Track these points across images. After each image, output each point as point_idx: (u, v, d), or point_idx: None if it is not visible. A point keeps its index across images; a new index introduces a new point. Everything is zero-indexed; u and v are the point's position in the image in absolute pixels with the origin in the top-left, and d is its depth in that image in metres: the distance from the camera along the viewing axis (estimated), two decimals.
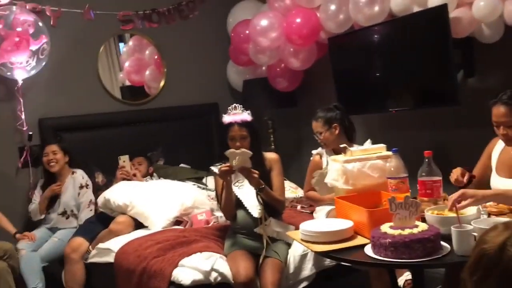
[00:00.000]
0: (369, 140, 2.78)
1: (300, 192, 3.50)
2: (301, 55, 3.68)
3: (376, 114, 3.61)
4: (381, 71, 3.31)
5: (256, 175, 2.47)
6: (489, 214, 1.98)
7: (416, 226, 1.79)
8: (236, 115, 2.64)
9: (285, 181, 3.80)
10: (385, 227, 1.82)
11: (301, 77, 4.03)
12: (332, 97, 3.62)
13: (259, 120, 4.59)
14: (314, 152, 3.01)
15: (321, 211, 2.95)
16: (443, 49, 2.84)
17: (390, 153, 2.33)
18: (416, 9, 2.99)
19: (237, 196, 2.65)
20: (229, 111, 2.68)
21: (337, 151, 2.79)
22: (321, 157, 2.95)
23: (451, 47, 2.80)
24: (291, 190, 3.56)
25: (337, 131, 2.89)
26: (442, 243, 1.79)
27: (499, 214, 1.98)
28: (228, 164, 2.45)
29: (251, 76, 4.28)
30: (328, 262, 2.69)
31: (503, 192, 1.84)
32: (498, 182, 2.26)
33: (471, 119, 3.11)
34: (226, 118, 2.66)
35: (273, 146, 4.35)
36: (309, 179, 2.97)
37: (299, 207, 3.35)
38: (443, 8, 2.74)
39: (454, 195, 1.84)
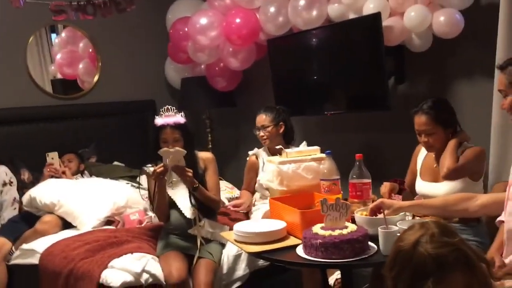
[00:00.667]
0: (304, 142, 2.84)
1: (236, 192, 3.51)
2: (240, 55, 3.68)
3: (312, 116, 3.68)
4: (318, 74, 3.39)
5: (190, 174, 2.44)
6: (413, 216, 2.08)
7: (346, 227, 1.84)
8: (169, 117, 2.59)
9: (221, 181, 3.81)
10: (317, 228, 1.86)
11: (240, 77, 4.04)
12: (271, 98, 3.66)
13: (197, 119, 4.57)
14: (250, 152, 3.05)
15: (257, 211, 2.97)
16: (376, 56, 2.95)
17: (323, 155, 2.38)
18: (352, 15, 3.08)
19: (170, 196, 2.60)
20: (162, 112, 2.62)
21: (273, 152, 2.84)
22: (257, 157, 3.00)
23: (384, 54, 2.91)
24: (227, 190, 3.56)
25: (281, 130, 3.00)
26: (370, 243, 1.85)
27: (423, 216, 2.08)
28: (162, 164, 2.41)
29: (190, 74, 4.23)
30: (261, 262, 2.71)
31: (418, 203, 1.94)
32: (422, 186, 2.38)
33: (401, 123, 3.22)
34: (159, 120, 2.60)
35: (210, 146, 4.33)
36: (247, 179, 3.00)
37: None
38: (376, 16, 2.84)
39: (373, 204, 1.92)
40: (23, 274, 2.89)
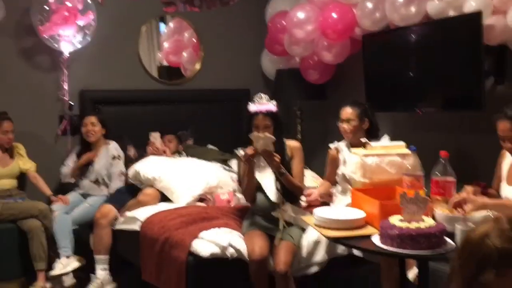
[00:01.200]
0: (386, 136, 2.86)
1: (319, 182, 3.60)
2: (335, 50, 3.76)
3: (402, 113, 3.67)
4: (413, 71, 3.36)
5: (277, 159, 2.60)
6: None
7: (423, 221, 1.89)
8: (262, 104, 2.77)
9: (307, 171, 3.93)
10: (394, 220, 1.93)
11: (332, 71, 4.11)
12: (362, 93, 3.70)
13: (288, 110, 4.72)
14: (331, 145, 3.09)
15: (339, 204, 3.06)
16: (474, 55, 2.88)
17: (408, 151, 2.41)
18: (451, 13, 3.02)
19: (257, 180, 2.78)
20: (255, 100, 2.80)
21: (354, 146, 2.89)
22: (338, 151, 3.04)
23: (482, 54, 2.84)
24: (313, 180, 3.67)
25: (366, 126, 3.02)
26: (447, 239, 1.88)
27: None
28: (252, 147, 2.59)
29: (284, 66, 4.38)
30: (340, 250, 2.80)
31: (503, 202, 1.92)
32: (508, 191, 2.33)
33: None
34: (252, 107, 2.78)
35: (299, 136, 4.47)
36: (328, 171, 3.07)
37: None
38: (477, 15, 2.78)
39: (456, 198, 1.93)
40: (125, 239, 3.26)
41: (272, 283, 2.58)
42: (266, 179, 2.79)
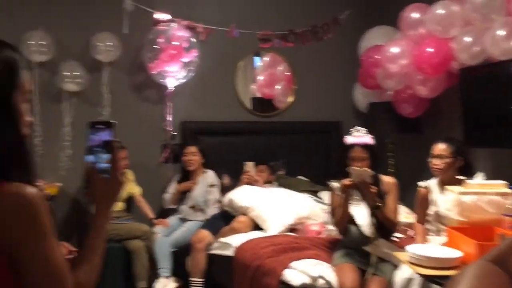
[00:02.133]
0: (481, 174, 2.75)
1: (413, 219, 3.52)
2: (430, 83, 3.71)
3: (502, 149, 3.51)
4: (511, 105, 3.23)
5: (374, 190, 2.62)
6: None
7: None
8: (359, 137, 2.81)
9: (400, 206, 3.87)
10: None
11: (426, 104, 4.05)
12: (458, 127, 3.60)
13: (380, 143, 4.69)
14: (421, 184, 2.98)
15: (433, 241, 2.98)
16: None
17: (509, 190, 2.33)
18: None
19: (351, 212, 2.81)
20: (353, 132, 2.85)
21: (445, 184, 2.79)
22: (427, 190, 2.93)
23: None
24: (405, 215, 3.61)
25: (459, 164, 2.88)
26: None
27: None
28: (350, 179, 2.64)
29: (377, 99, 4.39)
30: None
31: None
32: None
33: None
34: (349, 139, 2.83)
35: (392, 170, 4.41)
36: (419, 212, 2.98)
37: (409, 231, 3.39)
38: None
39: None
40: (219, 263, 3.41)
41: None
42: (359, 212, 2.81)
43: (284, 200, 3.65)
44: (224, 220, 3.68)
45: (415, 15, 3.68)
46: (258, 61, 4.79)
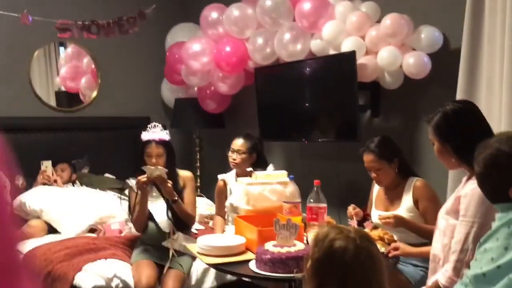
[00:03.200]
0: (271, 165, 3.03)
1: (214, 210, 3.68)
2: (229, 81, 3.91)
3: (293, 142, 3.89)
4: (298, 103, 3.59)
5: (169, 185, 2.65)
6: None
7: (295, 245, 2.02)
8: (155, 133, 2.81)
9: (203, 198, 4.01)
10: (268, 245, 2.05)
11: (229, 101, 4.26)
12: (256, 122, 3.87)
13: (188, 138, 4.80)
14: (219, 177, 3.17)
15: (229, 231, 3.15)
16: (350, 90, 3.16)
17: (288, 179, 2.57)
18: (331, 51, 3.30)
19: (149, 209, 2.80)
20: (149, 128, 2.85)
21: (240, 176, 3.00)
22: (225, 183, 3.13)
23: (356, 89, 3.13)
24: (207, 207, 3.74)
25: (253, 160, 3.12)
26: None
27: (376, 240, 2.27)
28: (145, 175, 2.62)
29: (183, 95, 4.47)
30: (229, 276, 2.88)
31: (422, 251, 2.21)
32: (374, 214, 2.58)
33: None
34: (145, 135, 2.82)
35: (198, 164, 4.54)
36: (217, 203, 3.15)
37: (211, 223, 3.53)
38: (352, 54, 3.07)
39: (390, 247, 2.23)
40: None
41: None
42: (157, 208, 2.81)
43: (84, 199, 3.46)
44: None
45: (214, 14, 3.83)
46: (62, 51, 4.46)
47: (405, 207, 2.48)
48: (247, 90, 4.05)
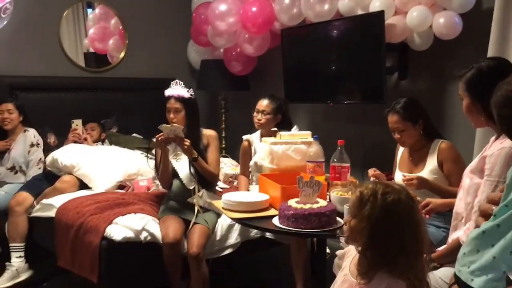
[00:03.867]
0: (295, 126, 3.04)
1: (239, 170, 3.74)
2: (255, 42, 3.90)
3: (318, 104, 3.88)
4: (325, 65, 3.57)
5: (187, 144, 2.70)
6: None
7: (317, 203, 2.06)
8: (175, 89, 2.88)
9: (228, 159, 4.07)
10: (291, 202, 2.09)
11: (255, 63, 4.26)
12: (281, 84, 3.87)
13: (213, 99, 4.83)
14: (244, 137, 3.19)
15: (253, 189, 3.21)
16: (377, 51, 3.12)
17: (312, 139, 2.60)
18: (359, 11, 3.25)
19: (173, 167, 2.87)
20: (171, 85, 2.90)
21: (265, 136, 3.01)
22: (249, 144, 3.15)
23: (384, 50, 3.08)
24: (232, 167, 3.81)
25: (278, 120, 3.12)
26: (338, 219, 2.07)
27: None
28: (162, 133, 2.70)
29: (209, 57, 4.48)
30: (253, 233, 2.96)
31: (452, 201, 2.09)
32: (398, 176, 2.58)
33: None
34: (167, 91, 2.89)
35: (224, 125, 4.60)
36: (242, 163, 3.18)
37: (235, 183, 3.60)
38: (380, 14, 3.01)
39: (421, 204, 2.11)
40: (41, 226, 3.23)
41: (186, 266, 2.69)
42: (182, 166, 2.88)
43: (113, 157, 3.56)
44: (47, 181, 3.47)
45: None
46: (90, 13, 4.50)
47: (429, 169, 2.48)
48: (273, 52, 4.04)
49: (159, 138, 2.70)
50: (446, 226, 2.40)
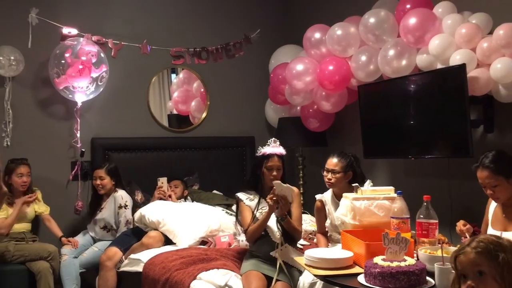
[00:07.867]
0: (369, 181, 2.97)
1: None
2: (333, 99, 3.96)
3: (396, 159, 3.81)
4: (403, 119, 3.52)
5: (289, 206, 2.77)
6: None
7: (405, 260, 2.00)
8: (276, 147, 2.97)
9: (307, 215, 4.05)
10: (377, 259, 2.04)
11: (332, 119, 4.30)
12: (359, 140, 3.86)
13: (291, 156, 4.90)
14: (317, 197, 3.14)
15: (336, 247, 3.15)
16: (460, 104, 3.05)
17: (395, 195, 2.54)
18: (439, 66, 3.22)
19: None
20: (269, 143, 3.00)
21: (337, 195, 2.99)
22: (322, 204, 3.09)
23: (468, 103, 3.00)
24: (311, 223, 3.78)
25: (348, 178, 3.04)
26: (428, 278, 1.98)
27: None
28: (273, 194, 2.75)
29: (287, 114, 4.59)
30: None
31: None
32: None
33: None
34: (267, 149, 3.00)
35: (301, 182, 4.61)
36: (318, 222, 3.13)
37: (315, 240, 3.55)
38: (461, 68, 2.97)
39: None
40: (129, 280, 3.37)
41: None
42: (270, 221, 2.91)
43: (196, 213, 3.68)
44: (135, 236, 3.64)
45: (317, 34, 3.92)
46: (174, 77, 4.85)
47: None
48: (350, 108, 4.06)
49: (270, 199, 2.75)
50: None
